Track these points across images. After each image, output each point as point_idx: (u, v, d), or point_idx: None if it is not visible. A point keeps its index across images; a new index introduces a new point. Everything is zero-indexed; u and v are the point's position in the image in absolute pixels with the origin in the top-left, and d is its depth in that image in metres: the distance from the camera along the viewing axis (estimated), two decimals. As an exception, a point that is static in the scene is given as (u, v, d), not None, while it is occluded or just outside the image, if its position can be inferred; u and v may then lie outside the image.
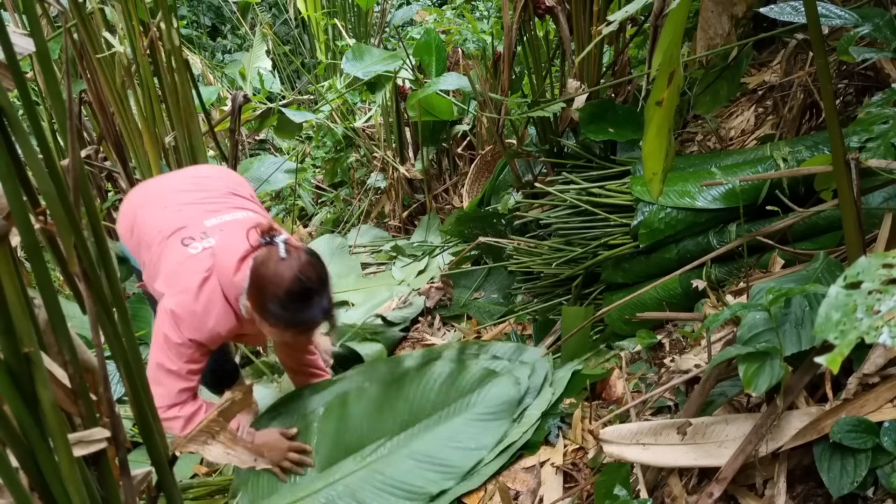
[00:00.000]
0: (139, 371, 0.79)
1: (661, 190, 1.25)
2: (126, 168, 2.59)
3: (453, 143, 3.64)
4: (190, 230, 1.60)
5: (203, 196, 1.73)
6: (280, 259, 1.41)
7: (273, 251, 1.43)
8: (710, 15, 1.78)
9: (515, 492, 1.63)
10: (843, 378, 1.11)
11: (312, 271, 1.44)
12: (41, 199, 0.67)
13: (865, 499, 1.00)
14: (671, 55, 1.06)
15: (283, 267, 1.40)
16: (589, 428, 1.66)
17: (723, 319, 1.17)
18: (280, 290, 1.40)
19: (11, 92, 0.67)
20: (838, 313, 0.74)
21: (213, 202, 1.72)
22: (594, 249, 2.06)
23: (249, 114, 3.30)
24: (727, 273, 1.74)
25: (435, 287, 2.78)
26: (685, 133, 2.52)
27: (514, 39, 2.34)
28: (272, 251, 1.43)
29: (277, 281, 1.40)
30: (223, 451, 0.86)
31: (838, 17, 1.34)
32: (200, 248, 1.55)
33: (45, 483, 0.69)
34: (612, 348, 1.91)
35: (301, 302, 1.44)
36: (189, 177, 1.86)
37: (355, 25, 5.40)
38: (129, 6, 2.14)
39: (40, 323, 0.70)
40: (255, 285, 1.44)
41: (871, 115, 1.25)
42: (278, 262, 1.41)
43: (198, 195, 1.73)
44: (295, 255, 1.43)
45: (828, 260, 1.27)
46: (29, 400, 0.67)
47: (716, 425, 1.19)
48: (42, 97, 2.72)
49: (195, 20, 7.08)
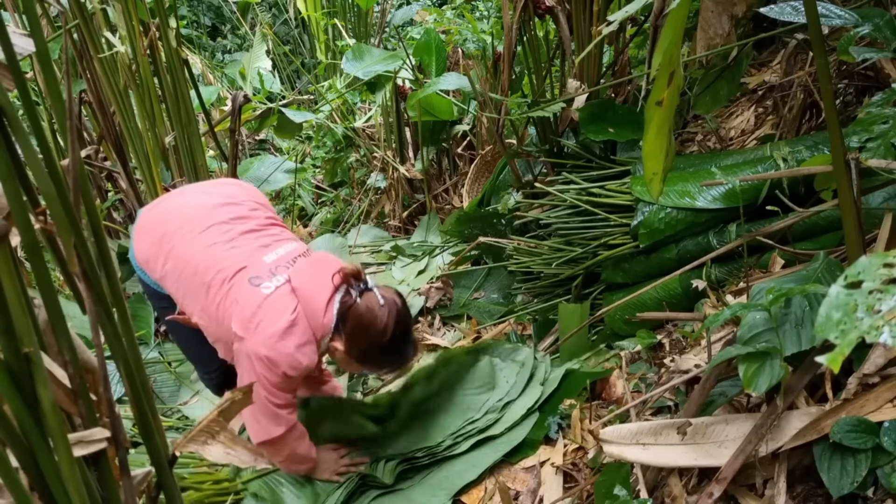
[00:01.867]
0: (139, 371, 0.79)
1: (661, 190, 1.25)
2: (126, 168, 2.59)
3: (453, 143, 3.64)
4: (254, 269, 1.56)
5: (244, 227, 1.67)
6: (380, 306, 1.52)
7: (372, 299, 1.52)
8: (710, 15, 1.78)
9: (515, 492, 1.63)
10: (843, 378, 1.11)
11: (407, 312, 1.58)
12: (41, 199, 0.67)
13: (865, 499, 1.00)
14: (671, 55, 1.06)
15: (384, 314, 1.51)
16: (589, 428, 1.66)
17: (723, 319, 1.17)
18: (385, 337, 1.52)
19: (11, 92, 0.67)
20: (839, 313, 0.74)
21: (257, 231, 1.67)
22: (594, 249, 2.06)
23: (249, 114, 3.30)
24: (727, 273, 1.74)
25: (435, 287, 2.78)
26: (685, 133, 2.52)
27: (514, 39, 2.34)
28: (371, 299, 1.52)
29: (381, 328, 1.51)
30: (223, 451, 0.86)
31: (838, 17, 1.34)
32: (273, 287, 1.53)
33: (45, 483, 0.69)
34: (611, 348, 1.91)
35: (401, 347, 1.58)
36: (219, 196, 1.76)
37: (355, 25, 5.40)
38: (129, 6, 2.14)
39: (40, 323, 0.70)
40: (357, 333, 1.52)
41: (871, 115, 1.25)
42: (380, 310, 1.51)
43: (240, 227, 1.66)
44: (391, 299, 1.54)
45: (828, 260, 1.27)
46: (29, 400, 0.67)
47: (716, 425, 1.19)
48: (42, 97, 2.72)
49: (195, 20, 7.08)
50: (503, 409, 1.86)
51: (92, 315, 0.71)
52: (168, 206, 1.75)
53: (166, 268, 1.62)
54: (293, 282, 1.54)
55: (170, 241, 1.62)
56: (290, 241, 1.70)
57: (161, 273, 1.64)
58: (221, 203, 1.71)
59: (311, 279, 1.54)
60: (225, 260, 1.57)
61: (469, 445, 1.77)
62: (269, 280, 1.54)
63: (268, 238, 1.67)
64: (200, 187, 1.86)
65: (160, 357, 2.47)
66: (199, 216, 1.66)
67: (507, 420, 1.82)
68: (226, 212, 1.68)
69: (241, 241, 1.62)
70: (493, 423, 1.82)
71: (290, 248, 1.66)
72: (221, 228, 1.64)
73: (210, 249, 1.59)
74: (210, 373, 1.97)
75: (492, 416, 1.84)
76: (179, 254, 1.61)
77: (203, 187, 1.86)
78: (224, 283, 1.55)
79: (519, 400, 1.88)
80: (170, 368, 2.43)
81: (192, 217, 1.66)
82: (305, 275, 1.55)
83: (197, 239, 1.61)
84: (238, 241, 1.62)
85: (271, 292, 1.52)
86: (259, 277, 1.54)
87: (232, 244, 1.61)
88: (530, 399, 1.85)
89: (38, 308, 0.70)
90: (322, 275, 1.54)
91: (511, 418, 1.81)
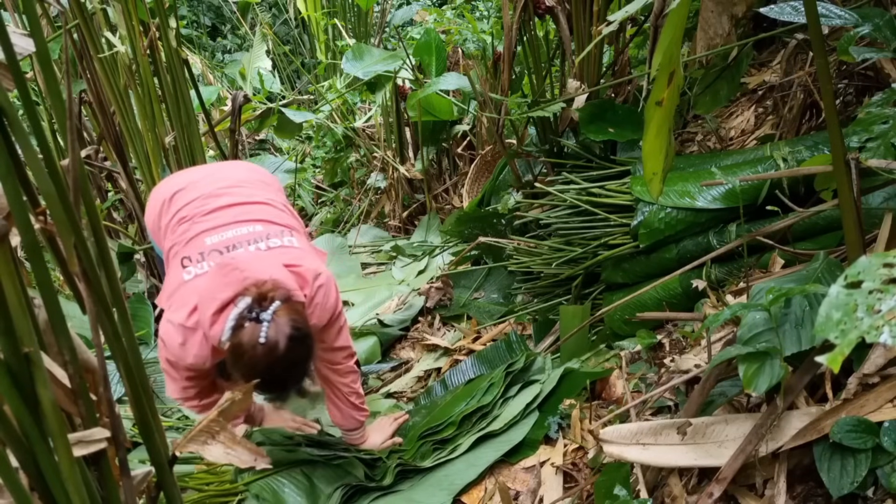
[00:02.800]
0: (139, 371, 0.79)
1: (661, 190, 1.25)
2: (126, 168, 2.59)
3: (453, 143, 3.64)
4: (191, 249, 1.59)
5: (223, 202, 1.69)
6: (259, 344, 1.37)
7: (255, 332, 1.38)
8: (710, 15, 1.78)
9: (515, 492, 1.63)
10: (843, 378, 1.11)
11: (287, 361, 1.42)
12: (41, 199, 0.67)
13: (865, 499, 1.00)
14: (671, 55, 1.06)
15: (258, 353, 1.37)
16: (589, 428, 1.66)
17: (723, 319, 1.17)
18: (253, 373, 1.39)
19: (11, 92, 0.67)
20: (839, 312, 0.74)
21: (233, 207, 1.68)
22: (594, 249, 2.06)
23: (249, 114, 3.30)
24: (727, 273, 1.74)
25: (435, 287, 2.78)
26: (685, 133, 2.52)
27: (514, 39, 2.34)
28: (254, 332, 1.38)
29: (251, 364, 1.39)
30: (223, 451, 0.86)
31: (838, 17, 1.34)
32: (193, 275, 1.54)
33: (45, 483, 0.69)
34: (611, 348, 1.91)
35: (270, 387, 1.48)
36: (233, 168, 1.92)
37: (355, 25, 5.40)
38: (129, 6, 2.14)
39: (40, 323, 0.70)
40: (232, 356, 1.43)
41: (871, 115, 1.25)
42: (255, 347, 1.37)
43: (218, 202, 1.69)
44: (274, 341, 1.38)
45: (828, 260, 1.27)
46: (29, 400, 0.67)
47: (716, 425, 1.19)
48: (42, 97, 2.72)
49: (195, 20, 7.08)
50: (502, 405, 1.87)
51: (92, 315, 0.71)
52: (180, 175, 1.89)
53: (161, 235, 1.75)
54: (202, 280, 1.52)
55: (166, 210, 1.74)
56: (256, 223, 1.64)
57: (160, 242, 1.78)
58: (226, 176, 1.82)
59: (217, 282, 1.47)
60: (180, 235, 1.65)
61: (469, 444, 1.77)
62: (196, 266, 1.56)
63: (231, 216, 1.65)
64: (221, 163, 2.04)
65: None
66: (196, 184, 1.77)
67: (506, 416, 1.82)
68: (224, 179, 1.78)
69: (205, 219, 1.66)
70: (492, 420, 1.83)
71: (242, 232, 1.61)
72: (199, 202, 1.70)
73: (180, 223, 1.68)
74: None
75: (487, 398, 1.88)
76: (165, 222, 1.73)
77: (224, 163, 2.04)
78: (171, 259, 1.65)
79: (518, 396, 1.88)
80: (170, 368, 2.43)
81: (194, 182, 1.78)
82: (216, 275, 1.49)
83: (178, 211, 1.71)
84: (202, 219, 1.66)
85: (189, 279, 1.54)
86: (189, 259, 1.57)
87: (194, 220, 1.66)
88: (529, 395, 1.85)
89: (38, 308, 0.70)
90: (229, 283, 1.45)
91: (510, 414, 1.81)
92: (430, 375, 2.39)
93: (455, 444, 1.80)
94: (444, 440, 1.83)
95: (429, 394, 2.18)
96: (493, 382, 1.93)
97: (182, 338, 1.49)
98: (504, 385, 1.91)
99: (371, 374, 2.49)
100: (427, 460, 1.77)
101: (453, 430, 1.83)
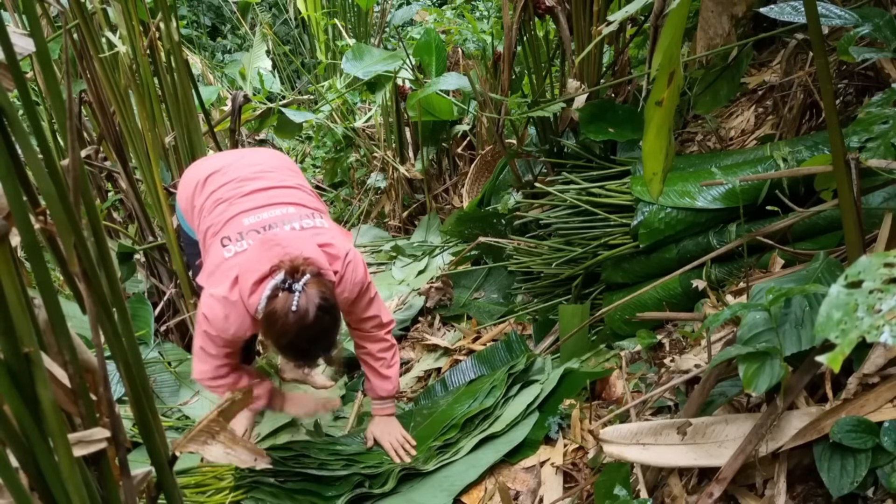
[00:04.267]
0: (139, 371, 0.79)
1: (661, 190, 1.25)
2: (126, 168, 2.59)
3: (453, 143, 3.64)
4: (231, 229, 1.69)
5: (256, 185, 1.79)
6: (290, 311, 1.50)
7: (288, 301, 1.50)
8: (710, 15, 1.78)
9: (515, 492, 1.63)
10: (843, 378, 1.11)
11: (316, 329, 1.53)
12: (41, 199, 0.67)
13: (865, 499, 1.00)
14: (671, 55, 1.06)
15: (291, 320, 1.50)
16: (589, 428, 1.66)
17: (723, 319, 1.17)
18: (284, 340, 1.54)
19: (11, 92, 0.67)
20: (839, 312, 0.74)
21: (266, 191, 1.79)
22: (594, 249, 2.06)
23: (249, 114, 3.30)
24: (727, 273, 1.74)
25: (435, 287, 2.78)
26: (685, 133, 2.52)
27: (514, 39, 2.34)
28: (286, 301, 1.50)
29: (282, 332, 1.52)
30: (223, 451, 0.86)
31: (838, 17, 1.34)
32: (233, 252, 1.64)
33: (45, 483, 0.69)
34: (611, 348, 1.91)
35: (299, 354, 1.61)
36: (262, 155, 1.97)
37: (355, 25, 5.40)
38: (129, 6, 2.14)
39: (40, 323, 0.70)
40: (265, 324, 1.55)
41: (871, 115, 1.25)
42: (288, 314, 1.50)
43: (252, 185, 1.79)
44: (304, 309, 1.50)
45: (828, 260, 1.27)
46: (29, 400, 0.67)
47: (716, 425, 1.19)
48: (42, 97, 2.72)
49: (195, 20, 7.08)
50: (503, 405, 1.87)
51: (92, 315, 0.71)
52: (210, 159, 1.96)
53: (195, 215, 1.82)
54: (243, 256, 1.62)
55: (200, 191, 1.82)
56: (288, 205, 1.77)
57: (194, 222, 1.85)
58: (256, 161, 1.89)
59: (254, 260, 1.59)
60: (217, 216, 1.73)
61: (471, 447, 1.77)
62: (236, 244, 1.65)
63: (266, 198, 1.76)
64: (247, 149, 2.11)
65: (160, 357, 2.47)
66: (228, 168, 1.84)
67: (506, 417, 1.82)
68: (254, 164, 1.86)
69: (241, 201, 1.74)
70: (493, 421, 1.83)
71: (276, 214, 1.72)
72: (234, 184, 1.78)
73: (216, 204, 1.76)
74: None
75: (489, 401, 1.88)
76: (200, 202, 1.80)
77: (250, 149, 2.10)
78: (208, 239, 1.72)
79: (518, 397, 1.88)
80: (170, 368, 2.43)
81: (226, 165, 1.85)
82: (255, 253, 1.61)
83: (213, 193, 1.78)
84: (239, 201, 1.74)
85: (230, 257, 1.63)
86: (229, 239, 1.67)
87: (231, 201, 1.74)
88: (529, 396, 1.85)
89: (38, 308, 0.70)
90: (268, 257, 1.56)
91: (511, 415, 1.81)
92: (430, 375, 2.39)
93: (457, 447, 1.80)
94: (447, 443, 1.83)
95: (429, 394, 2.18)
96: (495, 385, 1.93)
97: (225, 311, 1.58)
98: (506, 387, 1.92)
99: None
100: (429, 464, 1.77)
101: (456, 432, 1.83)
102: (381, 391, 1.90)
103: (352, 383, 2.43)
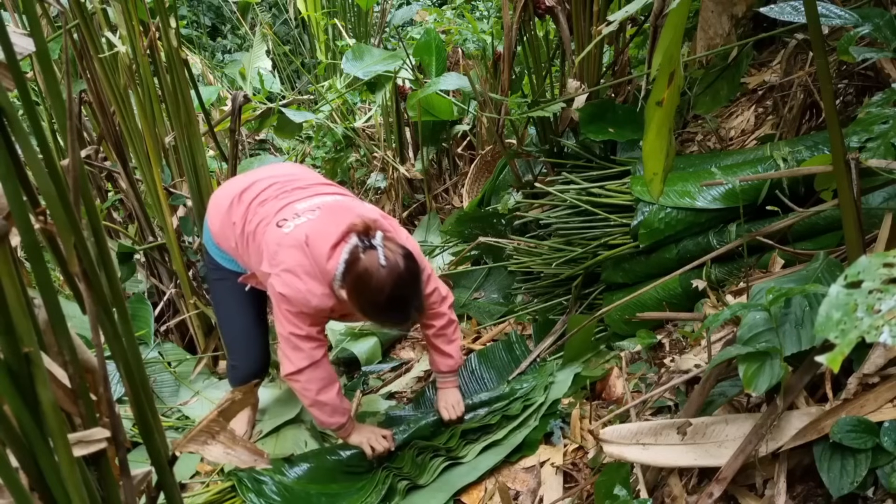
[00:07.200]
0: (139, 371, 0.79)
1: (662, 190, 1.25)
2: (126, 168, 2.59)
3: (453, 143, 3.64)
4: (285, 214, 1.69)
5: (296, 184, 1.83)
6: (381, 266, 1.48)
7: (374, 257, 1.49)
8: (710, 15, 1.78)
9: (515, 492, 1.63)
10: (843, 378, 1.11)
11: (409, 277, 1.52)
12: (41, 199, 0.67)
13: (865, 499, 1.00)
14: (671, 55, 1.06)
15: (383, 275, 1.48)
16: (589, 428, 1.66)
17: (723, 319, 1.17)
18: (381, 297, 1.50)
19: (11, 92, 0.67)
20: (839, 312, 0.74)
21: (307, 188, 1.82)
22: (594, 249, 2.06)
23: (249, 114, 3.30)
24: (727, 273, 1.74)
25: (435, 287, 2.77)
26: (685, 133, 2.52)
27: (514, 39, 2.34)
28: (373, 257, 1.49)
29: (378, 288, 1.49)
30: (223, 451, 0.86)
31: (838, 17, 1.34)
32: (293, 226, 1.64)
33: (45, 483, 0.69)
34: (612, 348, 1.91)
35: (399, 307, 1.55)
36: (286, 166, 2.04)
37: (355, 25, 5.40)
38: (129, 6, 2.14)
39: (40, 323, 0.70)
40: (356, 287, 1.52)
41: (871, 115, 1.25)
42: (379, 270, 1.48)
43: (294, 184, 1.83)
44: (393, 260, 1.49)
45: (828, 260, 1.27)
46: (29, 400, 0.67)
47: (716, 425, 1.19)
48: (42, 97, 2.72)
49: (195, 20, 7.08)
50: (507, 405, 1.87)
51: (92, 315, 0.71)
52: (239, 178, 1.95)
53: (236, 230, 1.79)
54: (307, 225, 1.62)
55: (238, 204, 1.81)
56: (336, 194, 1.80)
57: (234, 239, 1.80)
58: (286, 171, 1.92)
59: (324, 224, 1.59)
60: (267, 209, 1.73)
61: (474, 455, 1.77)
62: (293, 220, 1.65)
63: (312, 190, 1.79)
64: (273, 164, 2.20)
65: (160, 357, 2.47)
66: (262, 181, 1.85)
67: (509, 426, 1.81)
68: (287, 173, 1.89)
69: (288, 195, 1.77)
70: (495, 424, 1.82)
71: (327, 199, 1.74)
72: (277, 186, 1.81)
73: (262, 204, 1.76)
74: (237, 362, 2.04)
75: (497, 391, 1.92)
76: (241, 213, 1.78)
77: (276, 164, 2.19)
78: (259, 231, 1.71)
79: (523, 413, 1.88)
80: (170, 368, 2.43)
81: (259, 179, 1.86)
82: (322, 220, 1.61)
83: (256, 198, 1.79)
84: (285, 195, 1.77)
85: (290, 231, 1.63)
86: (285, 220, 1.67)
87: (279, 197, 1.76)
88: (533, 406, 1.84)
89: (38, 308, 0.70)
90: (336, 222, 1.57)
91: (513, 423, 1.81)
92: (430, 375, 2.39)
93: (458, 454, 1.79)
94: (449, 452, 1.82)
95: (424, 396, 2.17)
96: (507, 414, 1.87)
97: (302, 281, 1.57)
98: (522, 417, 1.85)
99: (371, 374, 2.49)
100: (425, 475, 1.75)
101: (455, 441, 1.83)
102: (444, 367, 1.93)
103: (352, 383, 2.43)
